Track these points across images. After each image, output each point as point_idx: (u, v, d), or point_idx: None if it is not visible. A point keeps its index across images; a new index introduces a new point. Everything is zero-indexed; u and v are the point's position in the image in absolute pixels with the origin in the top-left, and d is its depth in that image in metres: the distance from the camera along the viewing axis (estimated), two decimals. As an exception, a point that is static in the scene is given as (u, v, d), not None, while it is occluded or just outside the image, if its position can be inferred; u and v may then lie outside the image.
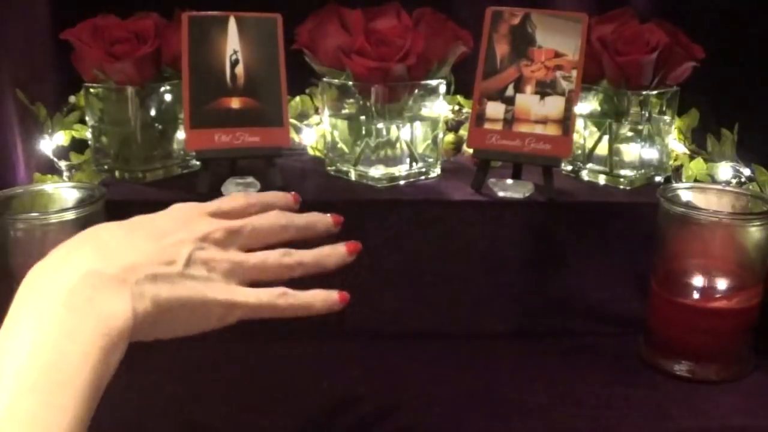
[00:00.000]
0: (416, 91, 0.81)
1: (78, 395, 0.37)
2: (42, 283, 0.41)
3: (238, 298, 0.46)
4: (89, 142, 0.86)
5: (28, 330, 0.38)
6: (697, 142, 0.87)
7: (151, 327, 0.43)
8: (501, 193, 0.78)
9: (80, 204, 0.66)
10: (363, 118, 0.81)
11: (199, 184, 0.77)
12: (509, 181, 0.79)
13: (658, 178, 0.85)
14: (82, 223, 0.64)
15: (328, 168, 0.86)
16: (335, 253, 0.51)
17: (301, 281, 0.50)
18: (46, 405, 0.36)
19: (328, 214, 0.53)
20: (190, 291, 0.44)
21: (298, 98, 0.94)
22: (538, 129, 0.76)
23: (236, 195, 0.51)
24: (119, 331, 0.40)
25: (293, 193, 0.54)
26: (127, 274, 0.42)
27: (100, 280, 0.41)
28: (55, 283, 0.40)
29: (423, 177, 0.84)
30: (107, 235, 0.45)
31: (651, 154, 0.84)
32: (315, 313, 0.49)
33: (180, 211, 0.49)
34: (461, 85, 0.90)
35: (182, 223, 0.47)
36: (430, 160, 0.85)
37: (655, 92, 0.82)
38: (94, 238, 0.44)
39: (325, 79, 0.83)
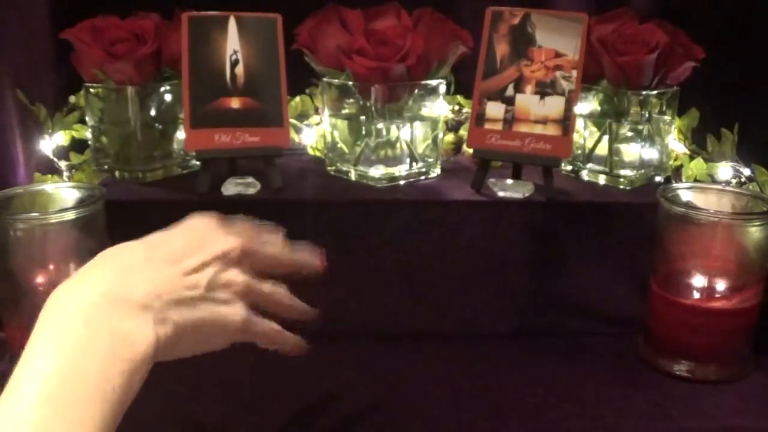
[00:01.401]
0: (416, 91, 0.81)
1: (96, 412, 0.38)
2: (63, 302, 0.42)
3: (251, 323, 0.49)
4: (89, 142, 0.86)
5: (47, 345, 0.39)
6: (697, 142, 0.87)
7: (172, 348, 0.44)
8: (501, 193, 0.78)
9: (80, 204, 0.66)
10: (363, 118, 0.81)
11: (199, 184, 0.77)
12: (509, 181, 0.79)
13: (658, 178, 0.85)
14: (82, 223, 0.65)
15: (328, 168, 0.86)
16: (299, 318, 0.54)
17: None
18: (61, 417, 0.37)
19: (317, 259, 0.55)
20: (209, 313, 0.46)
21: (298, 98, 0.94)
22: (538, 129, 0.76)
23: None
24: (143, 356, 0.42)
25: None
26: (151, 300, 0.43)
27: (124, 304, 0.42)
28: (75, 302, 0.42)
29: (423, 177, 0.84)
30: (127, 257, 0.46)
31: (651, 154, 0.84)
32: (283, 349, 0.53)
33: (197, 227, 0.49)
34: (461, 85, 0.90)
35: (200, 243, 0.48)
36: (430, 160, 0.85)
37: (655, 92, 0.82)
38: (115, 260, 0.45)
39: (325, 79, 0.83)
